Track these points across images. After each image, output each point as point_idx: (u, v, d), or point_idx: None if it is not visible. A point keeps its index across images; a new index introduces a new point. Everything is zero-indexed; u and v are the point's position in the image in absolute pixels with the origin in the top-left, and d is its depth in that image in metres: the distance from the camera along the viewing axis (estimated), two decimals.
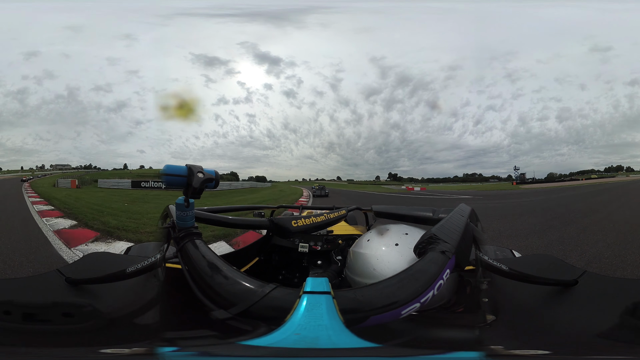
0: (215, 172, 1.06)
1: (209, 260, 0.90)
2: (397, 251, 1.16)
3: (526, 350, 0.91)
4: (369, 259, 1.19)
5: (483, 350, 0.80)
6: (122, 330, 1.10)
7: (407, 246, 1.14)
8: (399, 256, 1.14)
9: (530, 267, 1.51)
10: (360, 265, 1.22)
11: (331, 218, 1.60)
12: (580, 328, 1.09)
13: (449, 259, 0.88)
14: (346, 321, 0.71)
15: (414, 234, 1.23)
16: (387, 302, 0.75)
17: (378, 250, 1.20)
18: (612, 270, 5.05)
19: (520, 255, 2.08)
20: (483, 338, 1.00)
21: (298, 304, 0.73)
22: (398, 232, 1.24)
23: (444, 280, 0.84)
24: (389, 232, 1.27)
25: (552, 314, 1.16)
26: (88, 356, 0.93)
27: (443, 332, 1.05)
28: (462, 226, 1.11)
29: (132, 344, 0.97)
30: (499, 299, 1.18)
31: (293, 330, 0.68)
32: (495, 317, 1.08)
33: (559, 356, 0.93)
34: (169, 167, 0.99)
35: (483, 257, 1.20)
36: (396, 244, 1.19)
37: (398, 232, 1.24)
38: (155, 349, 0.79)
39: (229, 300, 0.77)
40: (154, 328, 1.03)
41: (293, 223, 1.41)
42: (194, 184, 0.99)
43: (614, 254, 5.97)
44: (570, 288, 1.27)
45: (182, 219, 1.03)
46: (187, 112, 28.07)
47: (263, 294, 0.76)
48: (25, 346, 0.99)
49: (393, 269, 1.10)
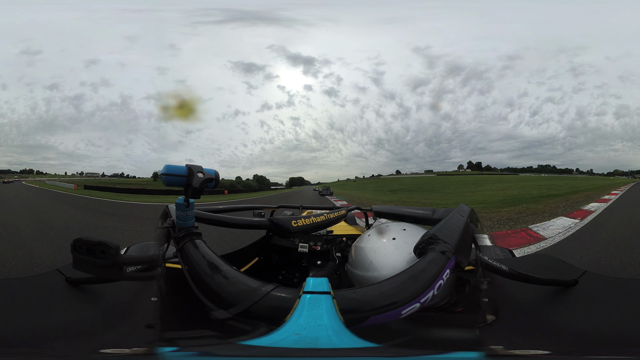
0: (215, 172, 1.06)
1: (208, 260, 0.90)
2: (393, 245, 1.19)
3: (526, 350, 0.91)
4: (368, 252, 1.23)
5: (483, 350, 0.80)
6: (122, 330, 1.09)
7: (403, 240, 1.19)
8: (395, 249, 1.17)
9: (530, 267, 1.51)
10: (360, 258, 1.25)
11: (331, 218, 1.60)
12: (580, 328, 1.09)
13: (448, 259, 0.88)
14: (346, 321, 0.71)
15: (412, 230, 1.26)
16: (387, 302, 0.75)
17: (376, 244, 1.24)
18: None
19: (520, 255, 2.07)
20: (483, 338, 1.00)
21: (298, 304, 0.73)
22: (397, 228, 1.28)
23: (444, 281, 0.84)
24: (388, 228, 1.31)
25: (552, 314, 1.16)
26: (88, 356, 0.93)
27: (443, 332, 1.05)
28: (461, 226, 1.11)
29: (132, 344, 0.97)
30: (499, 299, 1.18)
31: (293, 330, 0.68)
32: (495, 317, 1.08)
33: (559, 356, 0.93)
34: (169, 167, 0.99)
35: (483, 257, 1.20)
36: (393, 238, 1.22)
37: (397, 228, 1.28)
38: (155, 349, 0.79)
39: (229, 300, 0.77)
40: (154, 328, 1.03)
41: (293, 223, 1.41)
42: (194, 184, 0.99)
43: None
44: (570, 288, 1.27)
45: (182, 218, 1.03)
46: (188, 112, 27.78)
47: (263, 294, 0.76)
48: (25, 346, 0.99)
49: (389, 261, 1.13)
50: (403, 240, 1.18)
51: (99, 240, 0.95)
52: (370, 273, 1.17)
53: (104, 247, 0.95)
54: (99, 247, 0.96)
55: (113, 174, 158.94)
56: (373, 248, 1.23)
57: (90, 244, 0.96)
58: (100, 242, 0.95)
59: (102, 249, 0.95)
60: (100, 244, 0.95)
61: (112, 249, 0.95)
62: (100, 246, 0.95)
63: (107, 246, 0.94)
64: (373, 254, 1.20)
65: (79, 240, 0.98)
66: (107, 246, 0.95)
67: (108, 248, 0.95)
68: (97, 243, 0.95)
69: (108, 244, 0.95)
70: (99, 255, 0.95)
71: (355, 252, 1.31)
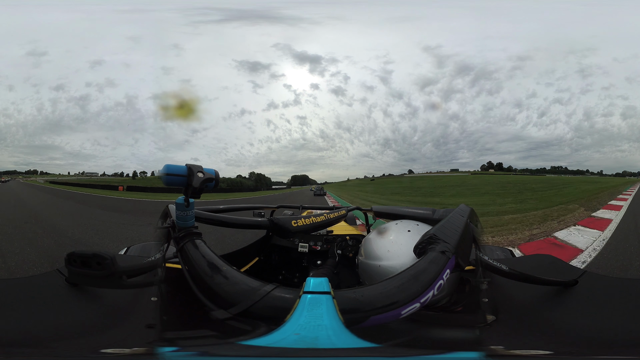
0: (215, 171, 1.06)
1: (208, 260, 0.90)
2: (409, 236, 1.27)
3: (526, 350, 0.91)
4: (384, 242, 1.31)
5: (483, 350, 0.80)
6: (122, 330, 1.09)
7: (417, 233, 1.24)
8: (410, 239, 1.23)
9: (530, 267, 1.51)
10: (375, 249, 1.32)
11: (331, 218, 1.60)
12: (580, 328, 1.09)
13: (449, 259, 0.88)
14: (346, 321, 0.71)
15: (423, 226, 1.34)
16: (387, 302, 0.75)
17: (392, 234, 1.33)
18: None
19: (520, 256, 2.08)
20: (483, 338, 1.00)
21: (298, 304, 0.73)
22: (410, 223, 1.38)
23: (444, 281, 0.84)
24: (402, 222, 1.41)
25: (552, 314, 1.16)
26: (88, 356, 0.93)
27: (443, 332, 1.05)
28: (462, 226, 1.11)
29: (133, 344, 0.97)
30: (499, 299, 1.18)
31: (293, 330, 0.68)
32: (495, 317, 1.08)
33: (559, 356, 0.93)
34: (169, 167, 0.99)
35: (483, 257, 1.20)
36: (408, 230, 1.31)
37: (410, 223, 1.38)
38: (156, 349, 0.79)
39: (229, 300, 0.77)
40: (154, 328, 1.03)
41: (293, 223, 1.41)
42: (194, 183, 0.99)
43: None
44: (570, 288, 1.27)
45: (182, 218, 1.03)
46: (188, 112, 27.58)
47: (263, 294, 0.76)
48: (26, 346, 0.99)
49: (406, 250, 1.19)
50: (417, 233, 1.24)
51: (94, 253, 0.95)
52: (386, 262, 1.23)
53: (99, 259, 0.94)
54: (95, 259, 0.95)
55: (114, 174, 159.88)
56: (389, 238, 1.31)
57: (84, 257, 0.96)
58: (95, 254, 0.94)
59: (98, 260, 0.94)
60: (96, 256, 0.94)
61: (107, 260, 0.95)
62: (95, 258, 0.94)
63: (102, 257, 0.94)
64: (390, 243, 1.28)
65: (72, 254, 0.97)
66: (103, 257, 0.94)
67: (103, 259, 0.94)
68: (91, 255, 0.95)
69: (103, 255, 0.94)
70: (95, 267, 0.95)
71: (369, 244, 1.37)
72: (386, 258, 1.24)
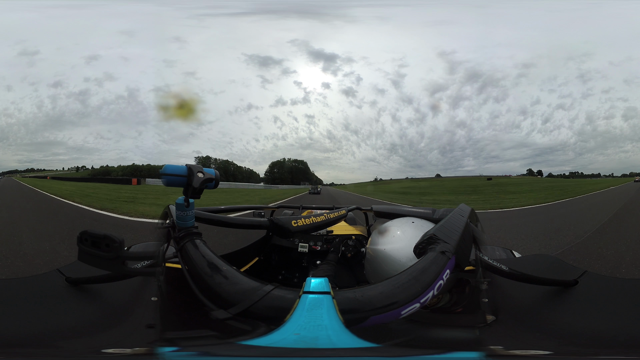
0: (215, 171, 1.06)
1: (208, 260, 0.90)
2: (414, 227, 1.37)
3: (526, 350, 0.91)
4: (391, 229, 1.40)
5: (483, 350, 0.80)
6: (122, 330, 1.10)
7: (420, 226, 1.36)
8: (416, 230, 1.33)
9: (530, 267, 1.51)
10: (381, 235, 1.40)
11: (331, 218, 1.59)
12: (580, 328, 1.09)
13: (449, 259, 0.88)
14: (346, 321, 0.71)
15: (425, 222, 1.42)
16: (387, 302, 0.75)
17: (397, 223, 1.44)
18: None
19: (520, 256, 2.08)
20: (483, 338, 1.00)
21: (298, 304, 0.73)
22: (413, 218, 1.48)
23: (444, 281, 0.84)
24: (404, 217, 1.51)
25: (552, 314, 1.16)
26: (89, 356, 0.94)
27: (443, 332, 1.05)
28: (462, 226, 1.11)
29: (133, 344, 0.97)
30: (499, 299, 1.18)
31: (293, 330, 0.68)
32: (495, 317, 1.08)
33: (559, 356, 0.93)
34: (169, 167, 0.99)
35: (483, 257, 1.19)
36: (412, 221, 1.41)
37: (413, 218, 1.48)
38: (156, 349, 0.79)
39: (229, 300, 0.77)
40: (154, 328, 1.03)
41: (293, 223, 1.41)
42: (194, 183, 0.99)
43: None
44: (570, 288, 1.27)
45: (182, 218, 1.03)
46: (188, 112, 27.44)
47: (263, 294, 0.76)
48: (26, 346, 0.99)
49: (408, 237, 1.28)
50: (420, 225, 1.36)
51: (105, 234, 0.98)
52: (393, 245, 1.31)
53: (109, 241, 0.98)
54: (104, 241, 0.99)
55: (118, 166, 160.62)
56: (396, 225, 1.41)
57: (95, 237, 0.99)
58: (106, 235, 0.98)
59: (107, 242, 0.98)
60: (106, 237, 0.98)
61: (116, 243, 0.98)
62: (105, 239, 0.98)
63: (112, 240, 0.98)
64: (395, 228, 1.38)
65: (85, 232, 1.00)
66: (112, 240, 0.98)
67: (112, 242, 0.98)
68: (102, 236, 0.98)
69: (113, 237, 0.98)
70: (103, 249, 0.98)
71: (377, 234, 1.44)
72: (391, 242, 1.31)
